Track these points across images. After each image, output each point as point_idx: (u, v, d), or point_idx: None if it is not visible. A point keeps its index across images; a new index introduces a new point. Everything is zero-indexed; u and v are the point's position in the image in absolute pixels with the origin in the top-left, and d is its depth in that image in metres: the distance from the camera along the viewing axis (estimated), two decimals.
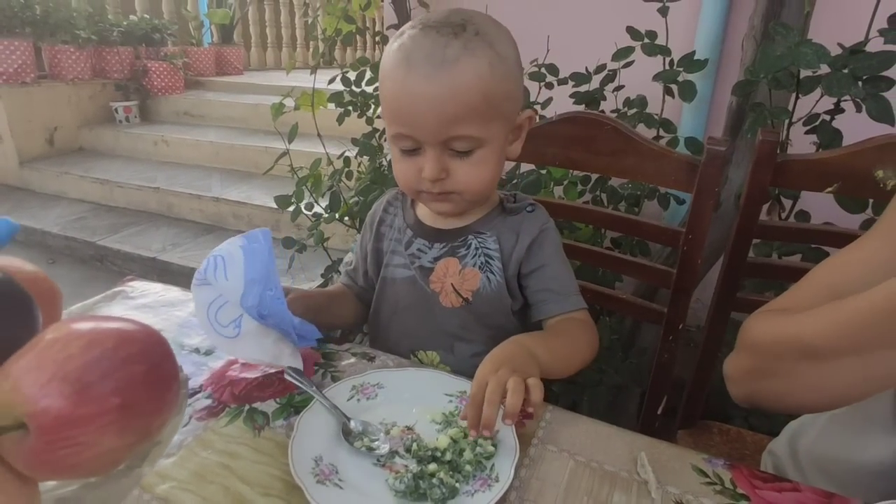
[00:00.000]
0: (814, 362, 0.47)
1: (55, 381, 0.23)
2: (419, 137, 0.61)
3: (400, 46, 0.61)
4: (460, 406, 0.53)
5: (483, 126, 0.61)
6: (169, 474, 0.45)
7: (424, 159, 0.62)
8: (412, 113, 0.60)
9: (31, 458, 0.23)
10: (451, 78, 0.57)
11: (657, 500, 0.45)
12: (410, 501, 0.42)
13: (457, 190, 0.64)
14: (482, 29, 0.60)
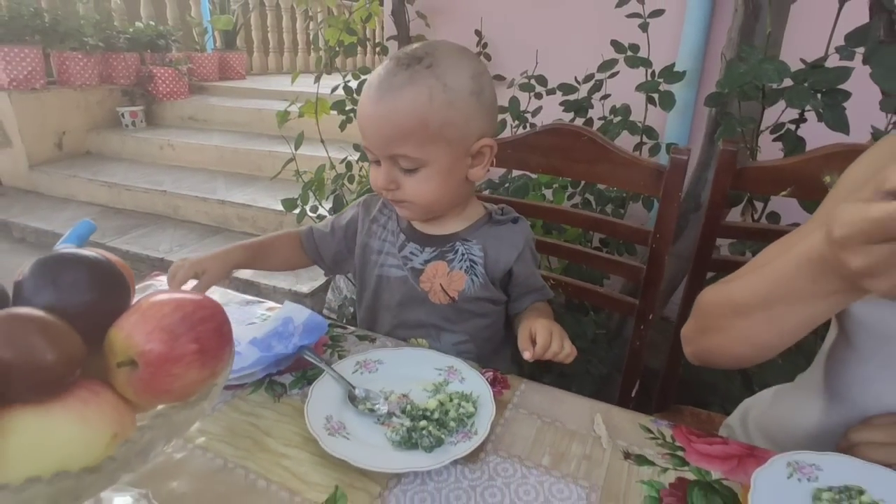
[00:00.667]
0: (742, 318, 0.56)
1: (156, 331, 0.32)
2: (373, 151, 0.72)
3: (373, 72, 0.71)
4: (448, 378, 0.63)
5: (421, 148, 0.70)
6: (206, 430, 0.55)
7: (378, 173, 0.73)
8: (365, 130, 0.71)
9: (139, 385, 0.33)
10: (391, 103, 0.67)
11: (607, 451, 0.54)
12: (405, 449, 0.52)
13: (406, 199, 0.74)
14: (439, 62, 0.68)
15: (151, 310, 0.33)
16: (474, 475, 0.51)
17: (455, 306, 0.80)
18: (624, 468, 0.53)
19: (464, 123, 0.71)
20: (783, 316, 0.51)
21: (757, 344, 0.56)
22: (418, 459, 0.51)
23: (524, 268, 0.81)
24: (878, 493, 0.48)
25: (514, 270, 0.80)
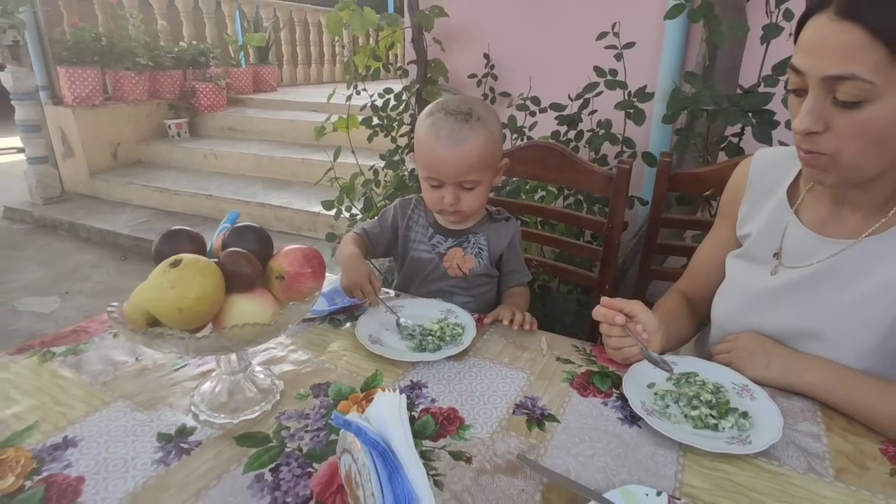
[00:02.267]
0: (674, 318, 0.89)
1: (295, 262, 0.65)
2: (442, 179, 1.02)
3: (432, 124, 1.01)
4: (447, 316, 0.95)
5: (480, 174, 1.02)
6: (296, 342, 0.87)
7: (445, 192, 1.03)
8: (439, 168, 1.01)
9: (283, 290, 0.65)
10: (462, 149, 0.98)
11: (546, 357, 0.85)
12: (418, 352, 0.84)
13: (462, 210, 1.05)
14: (481, 115, 1.00)
15: (290, 253, 0.66)
16: (460, 366, 0.83)
17: (465, 279, 1.12)
18: (554, 365, 0.84)
19: (498, 152, 1.05)
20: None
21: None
22: (426, 356, 0.83)
23: (512, 253, 1.13)
24: (706, 375, 0.78)
25: (505, 254, 1.12)
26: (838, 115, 0.64)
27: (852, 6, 0.60)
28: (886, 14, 0.58)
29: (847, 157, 0.67)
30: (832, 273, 0.77)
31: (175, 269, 0.57)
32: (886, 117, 0.62)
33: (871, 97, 0.61)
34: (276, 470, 0.61)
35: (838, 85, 0.62)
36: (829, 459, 0.65)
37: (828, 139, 0.66)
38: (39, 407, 0.71)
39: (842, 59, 0.61)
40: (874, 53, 0.59)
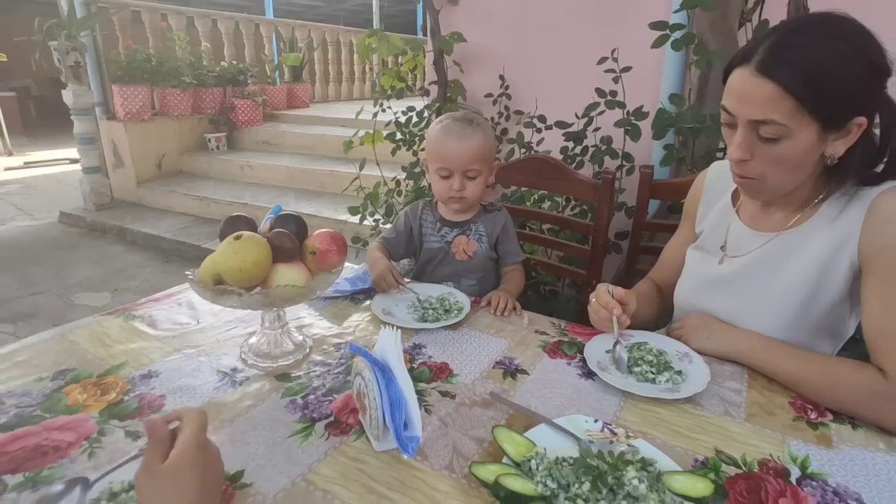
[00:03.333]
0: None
1: (324, 241, 0.84)
2: (451, 169, 1.22)
3: (442, 127, 1.23)
4: (447, 296, 1.13)
5: (480, 165, 1.22)
6: (322, 315, 1.07)
7: (453, 181, 1.23)
8: (449, 158, 1.22)
9: (315, 263, 0.85)
10: (469, 143, 1.20)
11: (526, 329, 1.03)
12: (421, 321, 1.03)
13: (466, 196, 1.25)
14: (480, 123, 1.24)
15: (320, 235, 0.86)
16: (454, 334, 1.01)
17: (470, 262, 1.31)
18: (533, 336, 1.01)
19: (493, 151, 1.27)
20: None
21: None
22: (426, 325, 1.01)
23: (505, 236, 1.32)
24: (654, 344, 0.95)
25: (500, 238, 1.32)
26: (762, 148, 0.82)
27: (768, 68, 0.77)
28: (793, 76, 0.75)
29: (771, 178, 0.84)
30: (762, 261, 0.93)
31: (238, 241, 0.78)
32: (799, 150, 0.79)
33: (787, 135, 0.79)
34: (305, 397, 0.81)
35: (761, 126, 0.80)
36: (743, 407, 0.81)
37: (755, 165, 0.84)
38: (127, 351, 0.92)
39: (763, 107, 0.78)
40: (787, 104, 0.76)
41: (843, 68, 0.74)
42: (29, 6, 10.68)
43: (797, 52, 0.75)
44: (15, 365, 0.87)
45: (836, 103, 0.76)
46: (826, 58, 0.74)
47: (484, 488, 0.63)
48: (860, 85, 0.75)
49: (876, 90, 0.77)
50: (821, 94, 0.75)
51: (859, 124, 0.77)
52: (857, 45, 0.75)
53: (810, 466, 0.69)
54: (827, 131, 0.78)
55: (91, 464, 0.66)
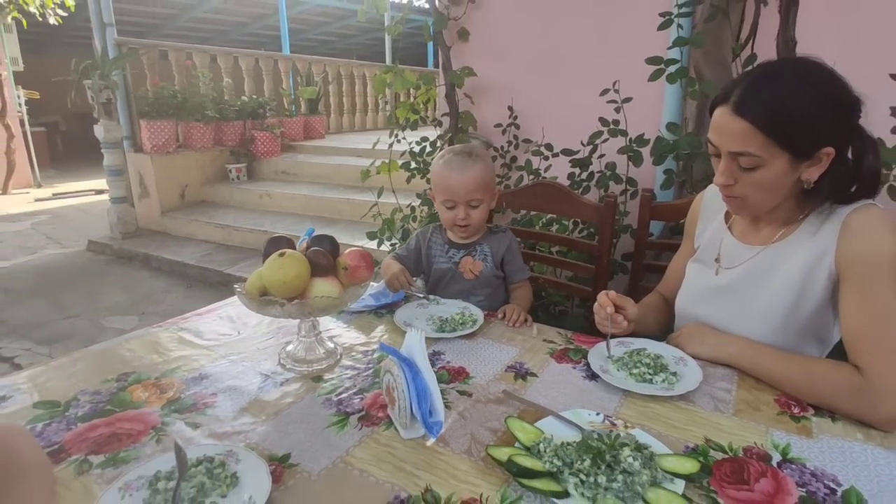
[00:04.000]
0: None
1: (354, 258, 0.95)
2: (456, 200, 1.34)
3: (445, 161, 1.35)
4: (463, 311, 1.24)
5: (482, 194, 1.34)
6: (351, 325, 1.17)
7: (458, 210, 1.35)
8: (454, 189, 1.33)
9: (347, 277, 0.95)
10: (468, 175, 1.31)
11: (535, 339, 1.13)
12: (438, 331, 1.13)
13: (471, 223, 1.37)
14: (480, 154, 1.35)
15: (351, 253, 0.98)
16: (470, 342, 1.11)
17: (477, 281, 1.41)
18: (541, 344, 1.11)
19: (493, 179, 1.39)
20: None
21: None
22: (444, 335, 1.11)
23: (510, 255, 1.43)
24: (652, 350, 1.04)
25: (505, 257, 1.42)
26: (742, 174, 0.93)
27: (741, 108, 0.89)
28: (762, 116, 0.87)
29: (752, 199, 0.96)
30: (752, 271, 1.03)
31: (282, 257, 0.89)
32: (773, 176, 0.91)
33: (762, 164, 0.90)
34: (339, 395, 0.91)
35: (739, 157, 0.91)
36: (732, 403, 0.90)
37: (738, 188, 0.95)
38: (179, 358, 1.03)
39: (739, 142, 0.90)
40: (759, 139, 0.88)
41: (806, 108, 0.86)
42: (64, 47, 11.22)
43: (766, 94, 0.87)
44: (83, 369, 0.99)
45: (802, 138, 0.87)
46: (791, 100, 0.86)
47: (498, 468, 0.73)
48: (824, 121, 0.87)
49: (840, 124, 0.88)
50: (787, 130, 0.86)
51: (828, 154, 0.88)
52: (820, 88, 0.87)
53: (791, 452, 0.78)
54: (798, 160, 0.89)
55: (160, 447, 0.77)
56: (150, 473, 0.68)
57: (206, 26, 11.51)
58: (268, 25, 11.07)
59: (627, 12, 2.21)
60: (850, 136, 0.90)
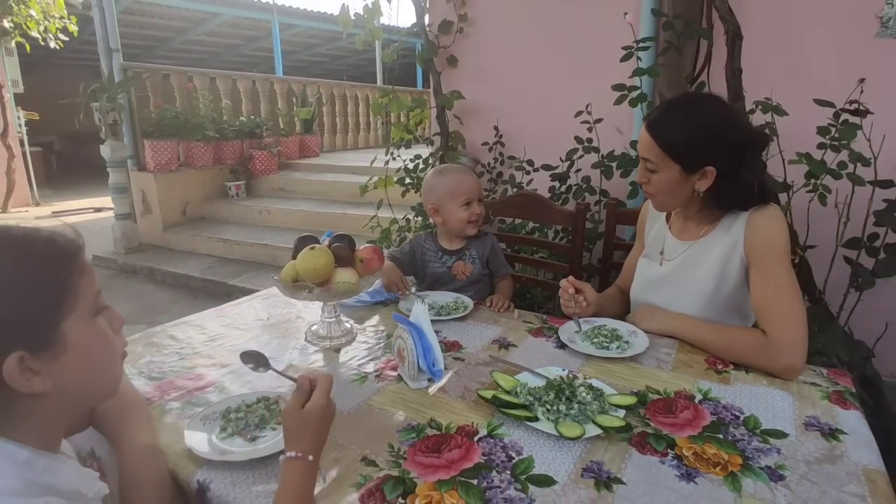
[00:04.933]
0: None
1: (368, 252, 1.18)
2: (472, 196, 1.57)
3: (452, 172, 1.59)
4: (455, 300, 1.46)
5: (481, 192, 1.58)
6: (362, 318, 1.40)
7: (473, 207, 1.57)
8: (471, 188, 1.56)
9: (363, 267, 1.18)
10: (474, 176, 1.57)
11: (517, 320, 1.36)
12: (436, 316, 1.35)
13: (482, 215, 1.60)
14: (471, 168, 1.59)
15: (366, 248, 1.20)
16: (463, 324, 1.33)
17: (468, 280, 1.64)
18: (521, 324, 1.33)
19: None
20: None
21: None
22: (440, 318, 1.34)
23: (493, 254, 1.66)
24: (611, 326, 1.28)
25: (489, 257, 1.65)
26: (650, 176, 1.20)
27: (650, 128, 1.17)
28: (661, 135, 1.15)
29: (658, 197, 1.24)
30: (685, 262, 1.27)
31: (312, 250, 1.12)
32: (666, 180, 1.18)
33: (658, 170, 1.18)
34: (357, 362, 1.13)
35: (646, 162, 1.18)
36: (671, 363, 1.14)
37: (649, 187, 1.23)
38: (224, 335, 1.26)
39: (645, 150, 1.19)
40: (657, 150, 1.16)
41: (693, 135, 1.14)
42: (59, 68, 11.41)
43: (667, 121, 1.16)
44: (147, 346, 1.21)
45: (686, 157, 1.15)
46: (683, 127, 1.15)
47: (486, 405, 0.95)
48: (706, 146, 1.14)
49: (722, 153, 1.13)
50: (675, 149, 1.15)
51: (710, 171, 1.14)
52: (705, 121, 1.14)
53: (710, 394, 1.01)
54: (687, 173, 1.16)
55: (222, 396, 0.99)
56: (222, 409, 0.90)
57: (200, 48, 11.78)
58: (260, 47, 11.37)
59: (599, 43, 2.48)
60: (730, 162, 1.14)
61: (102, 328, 0.67)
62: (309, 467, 0.72)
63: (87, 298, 0.64)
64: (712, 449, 0.85)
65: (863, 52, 2.07)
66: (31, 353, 0.57)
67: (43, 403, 0.61)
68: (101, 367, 0.68)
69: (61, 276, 0.61)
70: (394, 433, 0.88)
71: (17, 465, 0.58)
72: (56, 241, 0.62)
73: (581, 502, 0.73)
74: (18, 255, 0.59)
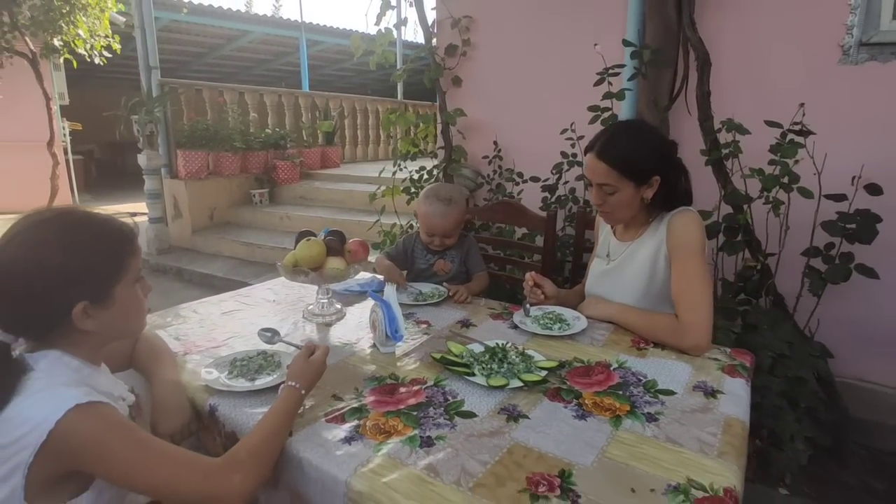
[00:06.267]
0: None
1: (356, 245, 1.44)
2: (436, 234, 1.81)
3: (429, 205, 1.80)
4: (433, 290, 1.71)
5: (454, 231, 1.81)
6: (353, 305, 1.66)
7: (435, 239, 1.81)
8: (434, 226, 1.79)
9: (350, 257, 1.43)
10: (448, 216, 1.78)
11: (483, 307, 1.60)
12: (414, 301, 1.60)
13: (444, 246, 1.84)
14: (456, 199, 1.82)
15: (353, 241, 1.46)
16: (435, 308, 1.57)
17: (447, 276, 1.88)
18: (485, 309, 1.57)
19: (463, 216, 1.84)
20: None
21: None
22: (419, 303, 1.59)
23: (471, 255, 1.90)
24: (558, 312, 1.50)
25: (467, 256, 1.89)
26: (607, 197, 1.42)
27: (601, 155, 1.39)
28: (614, 160, 1.37)
29: (616, 213, 1.45)
30: (624, 260, 1.50)
31: (308, 241, 1.38)
32: (625, 198, 1.39)
33: (617, 191, 1.39)
34: (343, 334, 1.39)
35: (603, 186, 1.40)
36: (602, 341, 1.36)
37: (606, 206, 1.44)
38: (241, 310, 1.52)
39: (602, 177, 1.40)
40: (613, 174, 1.37)
41: (639, 154, 1.36)
42: (98, 80, 12.11)
43: (615, 145, 1.38)
44: (175, 317, 1.49)
45: (639, 173, 1.37)
46: (631, 149, 1.37)
47: (437, 364, 1.19)
48: (650, 160, 1.36)
49: (661, 162, 1.37)
50: (629, 168, 1.36)
51: (656, 180, 1.37)
52: (647, 140, 1.38)
53: (625, 364, 1.23)
54: (639, 186, 1.38)
55: (232, 351, 1.25)
56: (230, 359, 1.17)
57: (232, 63, 12.36)
58: (289, 62, 11.88)
59: (583, 68, 2.71)
60: (669, 168, 1.38)
61: (138, 293, 0.94)
62: (299, 397, 0.98)
63: (134, 271, 0.91)
64: (609, 400, 1.07)
65: (827, 77, 2.26)
66: (91, 304, 0.84)
67: (89, 336, 0.87)
68: (132, 319, 0.95)
69: (120, 254, 0.89)
70: (361, 381, 1.13)
71: (70, 369, 0.84)
72: (122, 228, 0.90)
73: (492, 429, 0.97)
74: (96, 234, 0.86)
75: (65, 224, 0.85)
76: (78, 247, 0.83)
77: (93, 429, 0.75)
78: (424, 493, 0.80)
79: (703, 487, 0.82)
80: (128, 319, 0.92)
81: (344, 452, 0.89)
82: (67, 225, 0.85)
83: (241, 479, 0.80)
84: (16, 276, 0.79)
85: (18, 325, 0.83)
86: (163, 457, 0.78)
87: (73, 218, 0.86)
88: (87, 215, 0.88)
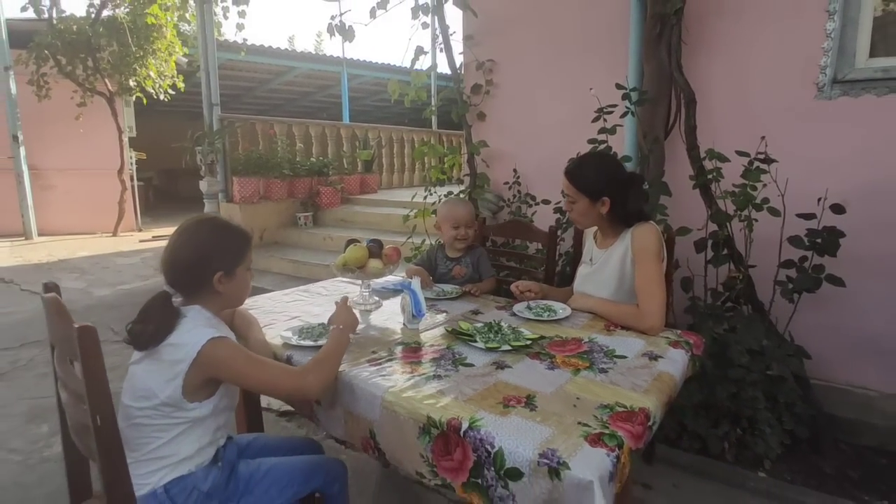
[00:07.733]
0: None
1: (391, 250, 1.86)
2: (461, 223, 2.23)
3: (451, 202, 2.26)
4: (453, 290, 2.11)
5: (471, 222, 2.24)
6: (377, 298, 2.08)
7: (461, 230, 2.23)
8: (460, 217, 2.22)
9: (386, 259, 1.87)
10: (465, 205, 2.23)
11: (490, 302, 1.99)
12: (435, 297, 2.00)
13: (468, 238, 2.26)
14: (467, 203, 2.26)
15: (389, 248, 1.88)
16: (452, 302, 1.98)
17: (462, 279, 2.29)
18: (492, 303, 1.95)
19: (474, 217, 2.28)
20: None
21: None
22: (440, 298, 2.00)
23: (482, 262, 2.30)
24: (549, 304, 1.88)
25: (479, 264, 2.30)
26: (571, 205, 1.83)
27: (567, 173, 1.81)
28: (574, 178, 1.80)
29: (580, 220, 1.88)
30: (602, 264, 1.88)
31: (355, 246, 1.82)
32: (582, 208, 1.82)
33: (575, 201, 1.82)
34: (379, 318, 1.81)
35: (567, 197, 1.82)
36: (582, 326, 1.74)
37: (572, 213, 1.85)
38: (301, 301, 1.97)
39: (566, 188, 1.83)
40: (572, 189, 1.81)
41: (593, 178, 1.77)
42: (158, 114, 13.19)
43: (579, 170, 1.80)
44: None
45: (593, 192, 1.77)
46: (588, 173, 1.80)
47: (450, 335, 1.60)
48: (603, 184, 1.76)
49: (614, 187, 1.76)
50: (584, 187, 1.77)
51: (606, 200, 1.76)
52: (605, 169, 1.78)
53: (595, 340, 1.61)
54: (593, 202, 1.78)
55: (302, 322, 1.68)
56: (298, 328, 1.60)
57: (279, 95, 13.29)
58: (331, 94, 12.70)
59: (589, 105, 3.12)
60: (617, 192, 1.77)
61: (247, 276, 1.38)
62: (346, 337, 1.40)
63: (248, 260, 1.36)
64: (575, 360, 1.45)
65: (804, 111, 2.59)
66: (224, 275, 1.29)
67: (218, 297, 1.32)
68: (243, 292, 1.40)
69: (244, 246, 1.34)
70: (392, 344, 1.55)
71: (206, 317, 1.28)
72: (245, 231, 1.36)
73: (484, 373, 1.36)
74: (231, 231, 1.33)
75: (212, 224, 1.31)
76: (221, 238, 1.29)
77: (223, 351, 1.19)
78: (432, 402, 1.20)
79: (624, 407, 1.19)
80: (241, 291, 1.37)
81: (380, 379, 1.30)
82: (214, 225, 1.31)
83: (314, 378, 1.25)
84: (185, 255, 1.25)
85: (181, 284, 1.28)
86: (266, 366, 1.22)
87: (217, 221, 1.33)
88: (225, 221, 1.35)
